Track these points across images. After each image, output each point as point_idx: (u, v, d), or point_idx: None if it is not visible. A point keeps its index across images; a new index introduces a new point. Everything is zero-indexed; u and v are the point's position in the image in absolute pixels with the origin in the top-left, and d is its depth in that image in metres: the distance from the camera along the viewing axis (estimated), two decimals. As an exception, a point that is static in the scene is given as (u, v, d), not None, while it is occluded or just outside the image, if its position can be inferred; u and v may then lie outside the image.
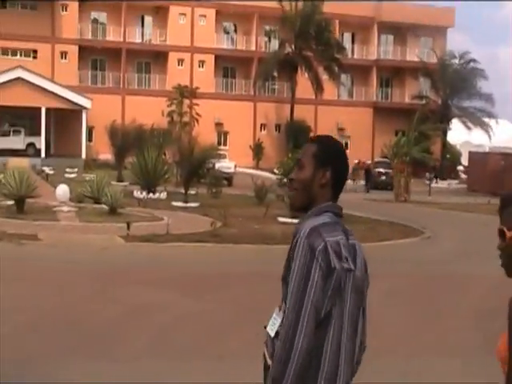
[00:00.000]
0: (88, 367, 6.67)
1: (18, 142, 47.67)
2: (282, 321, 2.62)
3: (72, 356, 7.05)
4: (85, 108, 47.99)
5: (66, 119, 48.96)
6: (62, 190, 21.40)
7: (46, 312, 8.88)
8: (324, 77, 52.22)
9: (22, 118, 48.89)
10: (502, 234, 2.36)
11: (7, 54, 50.78)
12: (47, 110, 47.17)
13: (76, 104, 47.77)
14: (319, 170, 2.75)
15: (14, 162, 37.29)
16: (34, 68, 47.72)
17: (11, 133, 48.04)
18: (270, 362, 2.63)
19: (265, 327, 2.76)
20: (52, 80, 48.65)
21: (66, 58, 52.08)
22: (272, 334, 2.68)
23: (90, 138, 49.55)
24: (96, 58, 53.81)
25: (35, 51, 51.48)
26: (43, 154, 46.69)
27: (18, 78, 46.07)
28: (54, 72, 50.79)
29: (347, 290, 2.60)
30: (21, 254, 13.52)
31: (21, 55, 51.17)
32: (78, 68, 52.22)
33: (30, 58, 51.17)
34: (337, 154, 2.80)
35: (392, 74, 59.81)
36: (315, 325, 2.52)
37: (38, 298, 9.67)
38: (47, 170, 37.33)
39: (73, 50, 51.85)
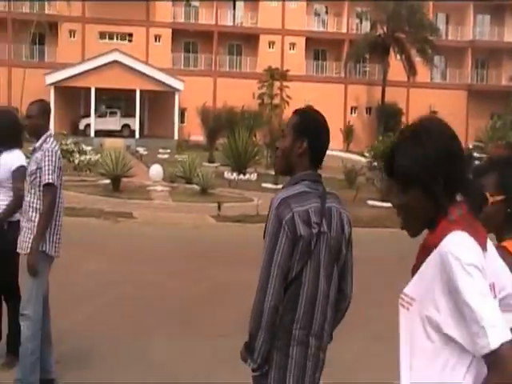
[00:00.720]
0: (176, 343, 6.94)
1: (113, 123, 49.10)
2: None
3: (162, 331, 7.34)
4: (177, 90, 48.88)
5: (159, 101, 50.08)
6: (156, 170, 22.04)
7: (139, 286, 9.24)
8: (417, 59, 51.17)
9: (118, 100, 50.34)
10: None
11: (105, 38, 52.26)
12: (141, 92, 48.35)
13: (169, 86, 48.72)
14: (297, 141, 3.03)
15: (110, 142, 38.52)
16: (129, 51, 48.92)
17: (107, 114, 49.52)
18: None
19: None
20: (146, 63, 49.77)
21: (159, 41, 53.11)
22: None
23: (182, 120, 50.46)
24: (189, 40, 54.58)
25: (131, 35, 52.74)
26: (137, 135, 47.92)
27: (115, 61, 47.39)
28: (149, 55, 51.93)
29: (321, 250, 2.92)
30: (117, 230, 14.07)
31: (117, 39, 52.54)
32: (171, 51, 53.16)
33: (126, 42, 52.46)
34: (315, 127, 3.05)
35: (488, 56, 57.97)
36: (284, 284, 2.87)
37: (132, 273, 10.06)
38: (141, 150, 38.33)
39: (166, 34, 52.81)
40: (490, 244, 2.17)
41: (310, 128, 3.04)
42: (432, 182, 2.06)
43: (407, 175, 2.09)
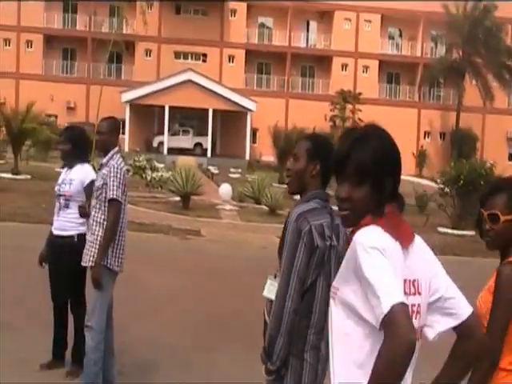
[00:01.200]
0: (239, 362, 6.91)
1: (186, 141, 49.87)
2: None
3: (224, 349, 7.36)
4: (250, 110, 49.33)
5: (231, 121, 50.60)
6: (225, 189, 22.19)
7: (203, 302, 9.29)
8: (494, 84, 50.22)
9: (191, 119, 51.13)
10: (494, 217, 2.92)
11: (179, 58, 53.28)
12: (214, 111, 48.99)
13: (242, 106, 49.23)
14: (310, 163, 3.33)
15: (183, 160, 39.01)
16: (203, 71, 49.70)
17: (180, 132, 50.34)
18: (267, 319, 3.27)
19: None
20: (220, 83, 50.45)
21: (233, 61, 53.81)
22: (273, 297, 3.22)
23: (253, 140, 50.85)
24: (262, 61, 55.11)
25: (205, 55, 53.60)
26: (209, 154, 48.51)
27: (189, 81, 48.23)
28: (222, 75, 52.63)
29: (331, 262, 3.20)
30: (184, 247, 14.20)
31: (192, 59, 53.48)
32: (244, 71, 53.76)
33: (200, 62, 53.34)
34: (326, 151, 3.28)
35: None
36: (301, 291, 3.12)
37: (197, 289, 10.14)
38: (212, 169, 38.70)
39: (240, 54, 53.46)
40: (420, 245, 2.32)
41: (322, 152, 3.31)
42: (382, 179, 2.22)
43: (362, 171, 2.21)
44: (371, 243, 2.11)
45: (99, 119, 6.17)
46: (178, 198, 20.62)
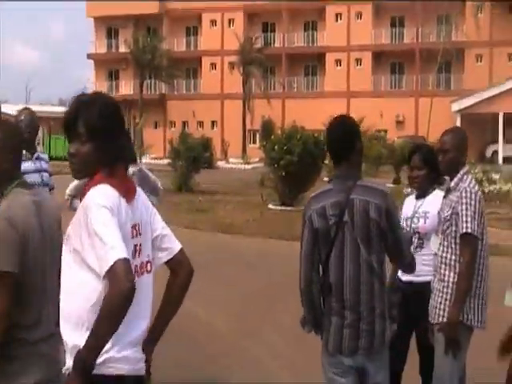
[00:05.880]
0: None
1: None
2: None
3: None
4: None
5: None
6: None
7: None
8: None
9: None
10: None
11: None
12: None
13: None
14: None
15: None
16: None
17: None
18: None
19: None
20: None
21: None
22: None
23: None
24: None
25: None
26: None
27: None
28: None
29: (345, 236, 3.44)
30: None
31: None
32: None
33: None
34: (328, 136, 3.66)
35: None
36: (312, 268, 3.51)
37: None
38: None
39: None
40: (141, 196, 2.69)
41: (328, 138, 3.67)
42: (107, 139, 2.54)
43: (91, 130, 2.54)
44: (102, 202, 2.44)
45: (430, 132, 5.06)
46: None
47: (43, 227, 2.91)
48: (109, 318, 2.30)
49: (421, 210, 4.70)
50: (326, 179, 3.55)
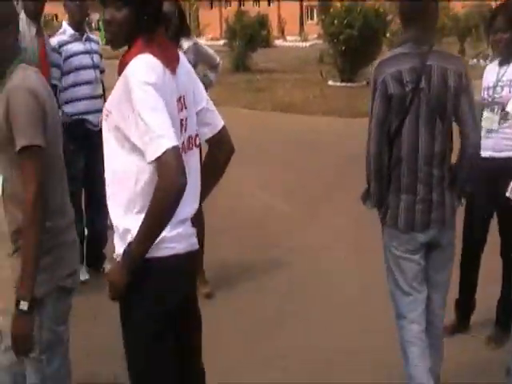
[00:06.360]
0: None
1: None
2: None
3: None
4: None
5: None
6: None
7: None
8: None
9: None
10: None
11: None
12: None
13: None
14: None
15: None
16: None
17: None
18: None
19: None
20: None
21: None
22: None
23: None
24: None
25: None
26: None
27: None
28: None
29: (421, 105, 3.18)
30: None
31: None
32: None
33: None
34: None
35: None
36: (383, 134, 3.22)
37: None
38: None
39: None
40: (184, 63, 2.46)
41: None
42: (142, 5, 2.31)
43: None
44: (145, 78, 2.21)
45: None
46: None
47: (53, 100, 2.70)
48: (160, 212, 2.17)
49: (505, 78, 4.16)
50: (388, 53, 3.03)
